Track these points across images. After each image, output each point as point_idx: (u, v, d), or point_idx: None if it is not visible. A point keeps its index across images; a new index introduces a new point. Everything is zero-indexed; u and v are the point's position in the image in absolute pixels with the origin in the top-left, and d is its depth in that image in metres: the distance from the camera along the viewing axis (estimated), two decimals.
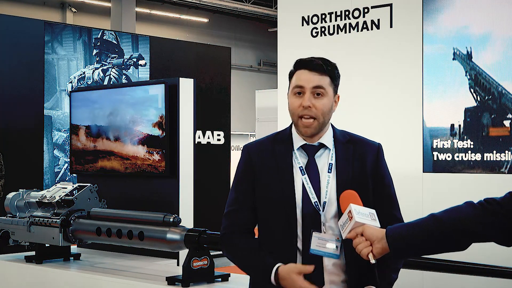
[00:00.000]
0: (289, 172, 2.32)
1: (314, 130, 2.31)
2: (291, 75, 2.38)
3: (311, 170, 2.31)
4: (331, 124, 2.40)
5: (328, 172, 2.31)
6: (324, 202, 2.28)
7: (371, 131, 4.44)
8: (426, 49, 4.86)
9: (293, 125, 2.40)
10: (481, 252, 3.11)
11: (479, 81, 4.62)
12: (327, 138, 2.36)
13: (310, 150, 2.34)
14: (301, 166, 2.32)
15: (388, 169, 2.41)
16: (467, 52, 4.67)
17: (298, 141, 2.36)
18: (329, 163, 2.32)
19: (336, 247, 2.23)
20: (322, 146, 2.35)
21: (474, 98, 4.65)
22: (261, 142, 2.44)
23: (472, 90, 4.66)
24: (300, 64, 2.34)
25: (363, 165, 2.33)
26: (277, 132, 2.47)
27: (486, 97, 4.60)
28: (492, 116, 4.58)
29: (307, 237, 2.24)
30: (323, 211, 2.27)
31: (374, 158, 2.36)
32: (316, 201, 2.27)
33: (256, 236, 2.41)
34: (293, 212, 2.28)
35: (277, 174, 2.33)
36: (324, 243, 2.23)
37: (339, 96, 2.38)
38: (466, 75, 4.68)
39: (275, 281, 2.23)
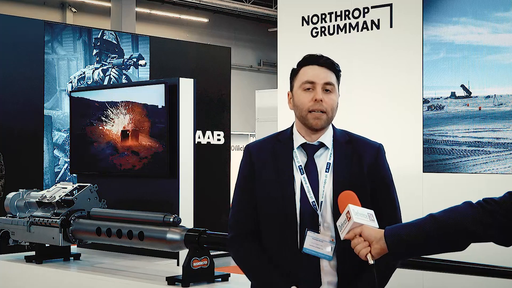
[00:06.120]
0: (289, 171, 2.32)
1: (323, 123, 2.32)
2: (295, 72, 2.38)
3: (310, 170, 2.32)
4: (332, 124, 2.40)
5: (326, 171, 2.31)
6: (321, 202, 2.28)
7: (371, 131, 4.43)
8: (426, 49, 4.86)
9: (294, 124, 2.41)
10: (481, 252, 3.11)
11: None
12: (327, 138, 2.37)
13: (310, 149, 2.35)
14: (300, 165, 2.32)
15: (389, 170, 2.41)
16: (467, 51, 4.68)
17: (298, 140, 2.36)
18: (327, 163, 2.32)
19: (330, 248, 2.24)
20: (322, 145, 2.36)
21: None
22: (262, 142, 2.45)
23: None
24: (309, 60, 2.35)
25: (360, 165, 2.33)
26: (278, 131, 2.48)
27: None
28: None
29: (304, 236, 2.25)
30: (320, 210, 2.28)
31: (373, 159, 2.36)
32: (314, 201, 2.28)
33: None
34: (292, 211, 2.28)
35: (277, 174, 2.33)
36: (318, 243, 2.24)
37: (339, 95, 2.39)
38: (466, 75, 4.68)
39: None
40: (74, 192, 4.38)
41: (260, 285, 2.35)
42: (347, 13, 5.29)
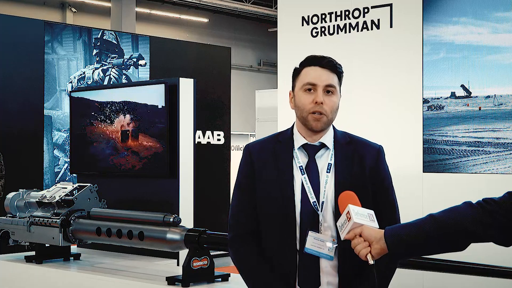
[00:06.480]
0: (289, 171, 2.32)
1: (324, 125, 2.32)
2: (297, 72, 2.38)
3: (311, 170, 2.32)
4: (332, 125, 2.41)
5: (327, 172, 2.31)
6: (323, 202, 2.28)
7: (371, 131, 4.44)
8: (426, 49, 4.86)
9: (295, 125, 2.41)
10: (481, 252, 3.11)
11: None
12: (328, 138, 2.37)
13: (311, 150, 2.35)
14: (301, 166, 2.33)
15: (389, 172, 2.41)
16: (467, 51, 4.68)
17: (299, 140, 2.37)
18: (328, 163, 2.33)
19: (331, 248, 2.24)
20: (323, 146, 2.36)
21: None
22: (262, 142, 2.45)
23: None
24: (312, 61, 2.35)
25: (362, 167, 2.34)
26: (278, 132, 2.48)
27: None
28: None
29: (304, 236, 2.25)
30: (321, 211, 2.28)
31: (374, 160, 2.36)
32: (315, 201, 2.28)
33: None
34: (292, 211, 2.29)
35: (277, 174, 2.33)
36: (319, 243, 2.24)
37: (340, 96, 2.39)
38: (466, 75, 4.68)
39: None
40: (74, 192, 4.38)
41: (257, 287, 2.35)
42: (347, 13, 5.29)
